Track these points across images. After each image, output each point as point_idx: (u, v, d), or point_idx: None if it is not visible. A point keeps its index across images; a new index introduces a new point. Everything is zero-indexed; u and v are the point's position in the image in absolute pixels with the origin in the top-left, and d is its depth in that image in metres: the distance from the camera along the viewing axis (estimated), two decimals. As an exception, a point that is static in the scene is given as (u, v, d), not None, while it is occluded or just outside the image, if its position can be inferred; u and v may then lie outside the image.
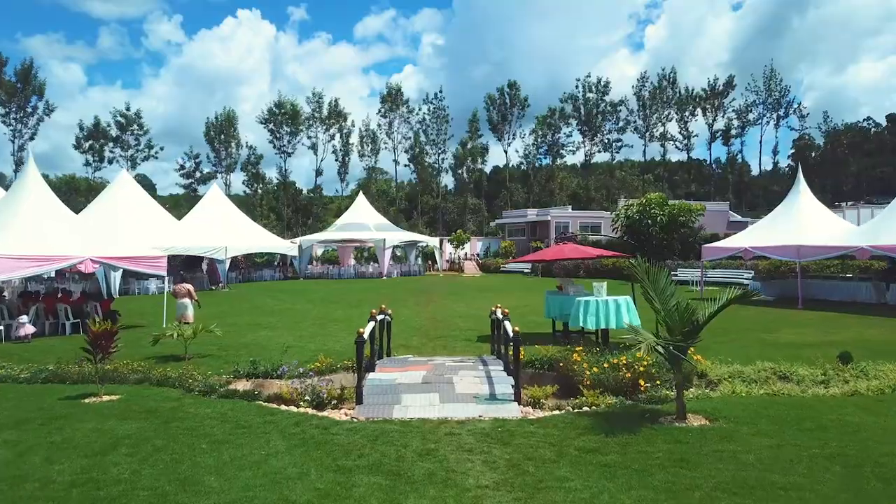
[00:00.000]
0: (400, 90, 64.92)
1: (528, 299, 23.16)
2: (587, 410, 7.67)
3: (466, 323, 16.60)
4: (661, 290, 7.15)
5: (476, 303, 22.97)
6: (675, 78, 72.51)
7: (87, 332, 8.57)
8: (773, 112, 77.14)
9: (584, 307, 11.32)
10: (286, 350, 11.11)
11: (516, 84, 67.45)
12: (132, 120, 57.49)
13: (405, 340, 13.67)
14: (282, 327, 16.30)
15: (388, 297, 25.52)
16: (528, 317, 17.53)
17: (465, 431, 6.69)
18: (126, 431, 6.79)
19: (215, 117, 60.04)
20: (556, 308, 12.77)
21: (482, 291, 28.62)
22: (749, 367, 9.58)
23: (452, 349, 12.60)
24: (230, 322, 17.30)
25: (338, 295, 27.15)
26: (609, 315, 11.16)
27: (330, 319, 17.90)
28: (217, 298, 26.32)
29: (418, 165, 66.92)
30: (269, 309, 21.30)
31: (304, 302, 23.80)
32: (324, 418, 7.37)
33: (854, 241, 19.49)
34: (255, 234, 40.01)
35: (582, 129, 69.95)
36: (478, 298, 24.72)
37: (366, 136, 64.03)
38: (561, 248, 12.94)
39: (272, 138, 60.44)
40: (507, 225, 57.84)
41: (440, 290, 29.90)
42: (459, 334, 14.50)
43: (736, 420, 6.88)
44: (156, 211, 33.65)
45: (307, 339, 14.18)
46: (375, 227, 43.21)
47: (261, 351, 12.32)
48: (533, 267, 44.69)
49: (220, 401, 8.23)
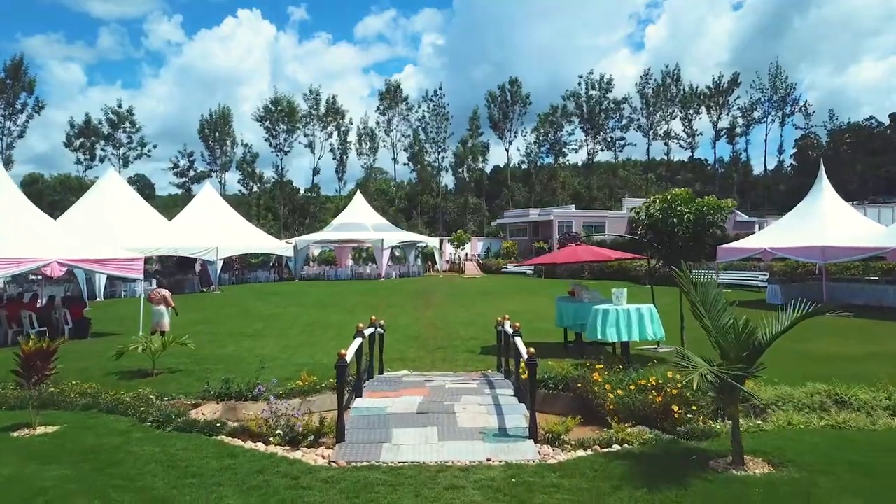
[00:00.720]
0: (399, 87, 63.59)
1: (534, 303, 21.83)
2: (618, 450, 6.28)
3: (468, 331, 15.24)
4: (711, 303, 5.78)
5: (478, 307, 21.64)
6: (678, 75, 71.12)
7: (20, 351, 7.21)
8: (778, 110, 75.74)
9: (602, 317, 9.96)
10: (263, 367, 9.74)
11: (518, 81, 66.09)
12: (124, 117, 55.90)
13: (401, 352, 12.32)
14: (268, 335, 14.94)
15: (385, 300, 24.22)
16: (534, 323, 16.16)
17: (471, 484, 5.31)
18: (45, 482, 5.41)
19: (210, 114, 58.73)
20: (569, 316, 11.41)
21: (484, 295, 27.27)
22: (799, 388, 8.21)
23: (453, 363, 11.25)
24: (212, 330, 15.96)
25: (333, 298, 25.80)
26: (631, 326, 9.80)
27: (321, 326, 16.55)
28: (205, 302, 24.97)
29: (418, 164, 65.51)
30: (257, 314, 19.94)
31: (295, 306, 22.44)
32: (295, 462, 5.98)
33: (885, 242, 18.13)
34: (248, 235, 38.66)
35: (584, 126, 68.53)
36: (479, 302, 23.38)
37: (364, 133, 62.61)
38: (574, 250, 11.55)
39: (268, 136, 59.05)
40: (509, 225, 56.48)
41: (440, 292, 28.55)
42: (461, 344, 13.15)
43: (808, 468, 5.50)
44: (145, 211, 32.30)
45: (294, 349, 12.83)
46: (373, 227, 41.85)
47: (239, 365, 10.98)
48: (536, 268, 43.33)
49: (176, 435, 6.86)
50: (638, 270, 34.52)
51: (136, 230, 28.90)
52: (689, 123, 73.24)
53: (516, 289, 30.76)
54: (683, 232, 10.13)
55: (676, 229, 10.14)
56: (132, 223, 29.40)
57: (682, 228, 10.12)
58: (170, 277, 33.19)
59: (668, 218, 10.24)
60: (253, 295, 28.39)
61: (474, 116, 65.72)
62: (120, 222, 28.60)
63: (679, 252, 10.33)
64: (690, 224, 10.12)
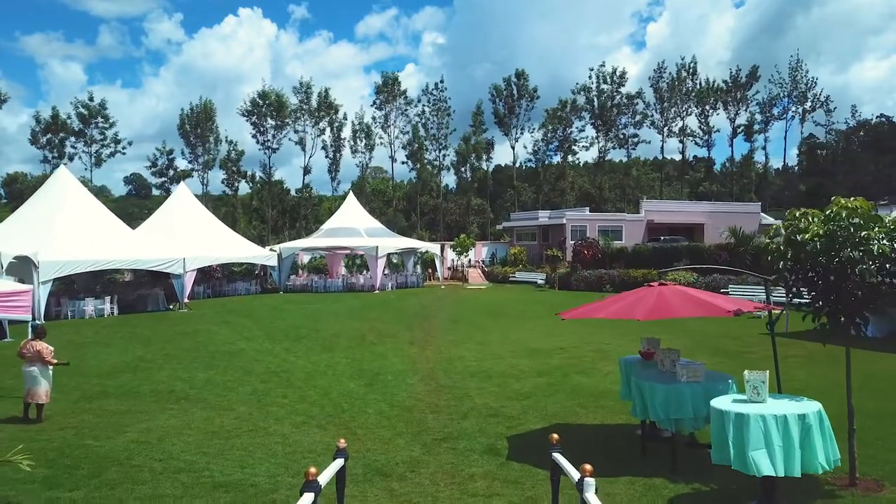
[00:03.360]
0: (396, 80, 59.02)
1: (559, 331, 17.50)
2: None
3: (483, 393, 10.91)
4: None
5: (490, 337, 17.35)
6: (695, 68, 66.87)
7: None
8: (798, 106, 71.65)
9: (740, 429, 5.50)
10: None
11: (524, 74, 61.54)
12: (96, 112, 51.31)
13: (384, 446, 8.04)
14: (202, 401, 10.61)
15: (374, 325, 19.85)
16: (571, 378, 11.89)
17: None
18: None
19: (190, 109, 53.94)
20: (652, 401, 7.03)
21: (494, 316, 22.92)
22: None
23: (466, 478, 6.93)
24: (133, 387, 11.67)
25: (313, 321, 21.50)
26: (791, 448, 5.40)
27: (283, 380, 12.23)
28: (160, 326, 20.68)
29: (417, 163, 61.05)
30: (211, 351, 15.63)
31: (264, 336, 18.13)
32: None
33: None
34: (226, 242, 34.39)
35: (595, 123, 64.12)
36: (491, 329, 19.06)
37: (360, 130, 58.00)
38: (659, 297, 7.12)
39: (255, 132, 54.40)
40: (516, 228, 52.17)
41: (442, 313, 24.24)
42: (476, 430, 8.77)
43: None
44: (102, 215, 27.98)
45: (223, 441, 8.38)
46: (367, 232, 37.57)
47: (128, 475, 6.79)
48: (548, 278, 39.03)
49: None
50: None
51: (86, 238, 24.62)
52: (706, 120, 69.01)
53: (531, 306, 26.39)
54: (870, 274, 5.82)
55: (858, 269, 5.83)
56: (84, 230, 25.10)
57: (868, 267, 5.82)
58: (133, 292, 28.90)
59: (842, 247, 5.94)
60: (223, 315, 24.12)
61: (478, 112, 61.31)
62: (66, 230, 24.31)
63: (860, 303, 6.05)
64: (885, 257, 5.85)
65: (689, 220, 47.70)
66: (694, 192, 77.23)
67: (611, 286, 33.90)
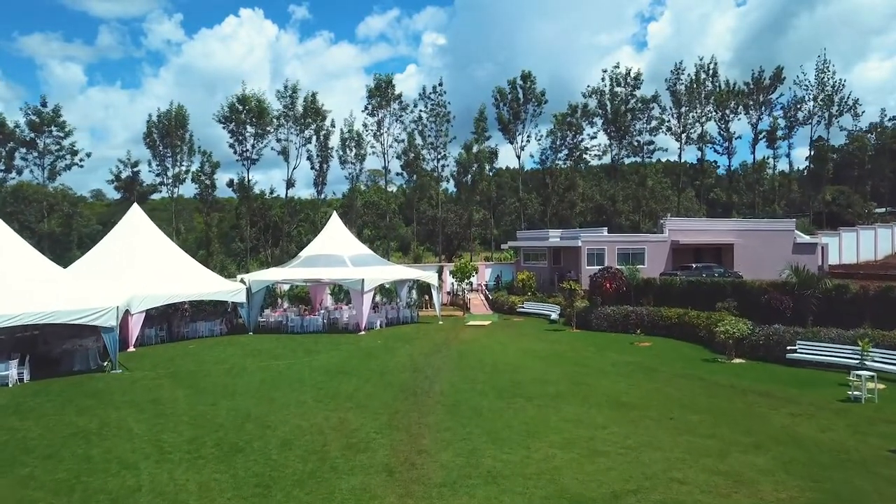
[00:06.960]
0: (391, 83, 53.63)
1: (608, 436, 11.70)
2: None
3: None
4: None
5: (505, 452, 11.61)
6: (715, 70, 61.71)
7: None
8: (825, 110, 66.62)
9: None
10: None
11: (531, 76, 56.18)
12: (49, 119, 45.92)
13: None
14: None
15: (346, 415, 13.90)
16: None
17: None
18: None
19: (158, 116, 48.44)
20: None
21: (509, 396, 17.45)
22: None
23: None
24: None
25: (266, 404, 16.07)
26: None
27: None
28: (67, 410, 15.00)
29: (413, 174, 55.71)
30: (100, 480, 10.27)
31: (190, 426, 12.77)
32: None
33: None
34: (184, 275, 29.15)
35: (608, 129, 58.84)
36: (505, 432, 13.53)
37: (349, 138, 52.59)
38: None
39: (232, 141, 48.95)
40: (524, 248, 46.87)
41: (437, 384, 18.89)
42: None
43: None
44: (19, 249, 22.74)
45: None
46: (352, 260, 32.29)
47: None
48: (563, 311, 33.73)
49: None
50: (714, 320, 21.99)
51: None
52: (726, 125, 63.85)
53: (554, 366, 20.69)
54: None
55: None
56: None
57: None
58: (59, 345, 23.41)
59: None
60: (158, 381, 18.80)
61: (480, 117, 55.98)
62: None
63: None
64: None
65: (718, 240, 42.52)
66: (705, 199, 72.12)
67: (640, 328, 28.57)
